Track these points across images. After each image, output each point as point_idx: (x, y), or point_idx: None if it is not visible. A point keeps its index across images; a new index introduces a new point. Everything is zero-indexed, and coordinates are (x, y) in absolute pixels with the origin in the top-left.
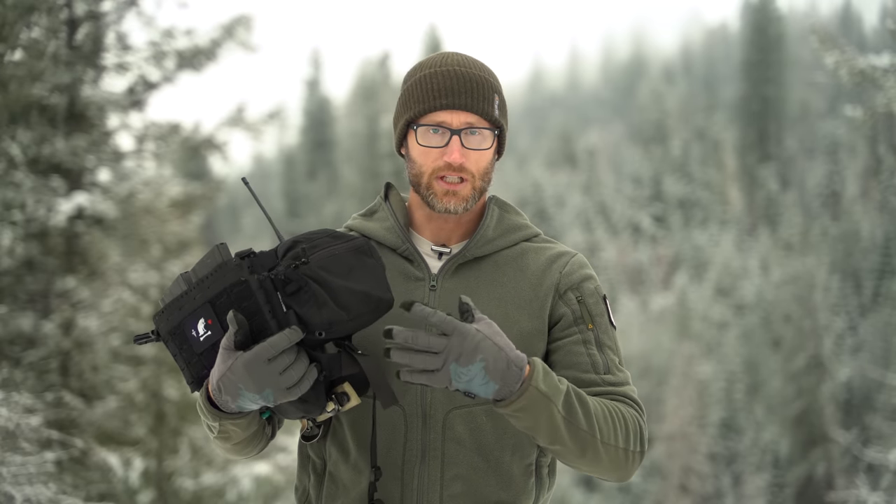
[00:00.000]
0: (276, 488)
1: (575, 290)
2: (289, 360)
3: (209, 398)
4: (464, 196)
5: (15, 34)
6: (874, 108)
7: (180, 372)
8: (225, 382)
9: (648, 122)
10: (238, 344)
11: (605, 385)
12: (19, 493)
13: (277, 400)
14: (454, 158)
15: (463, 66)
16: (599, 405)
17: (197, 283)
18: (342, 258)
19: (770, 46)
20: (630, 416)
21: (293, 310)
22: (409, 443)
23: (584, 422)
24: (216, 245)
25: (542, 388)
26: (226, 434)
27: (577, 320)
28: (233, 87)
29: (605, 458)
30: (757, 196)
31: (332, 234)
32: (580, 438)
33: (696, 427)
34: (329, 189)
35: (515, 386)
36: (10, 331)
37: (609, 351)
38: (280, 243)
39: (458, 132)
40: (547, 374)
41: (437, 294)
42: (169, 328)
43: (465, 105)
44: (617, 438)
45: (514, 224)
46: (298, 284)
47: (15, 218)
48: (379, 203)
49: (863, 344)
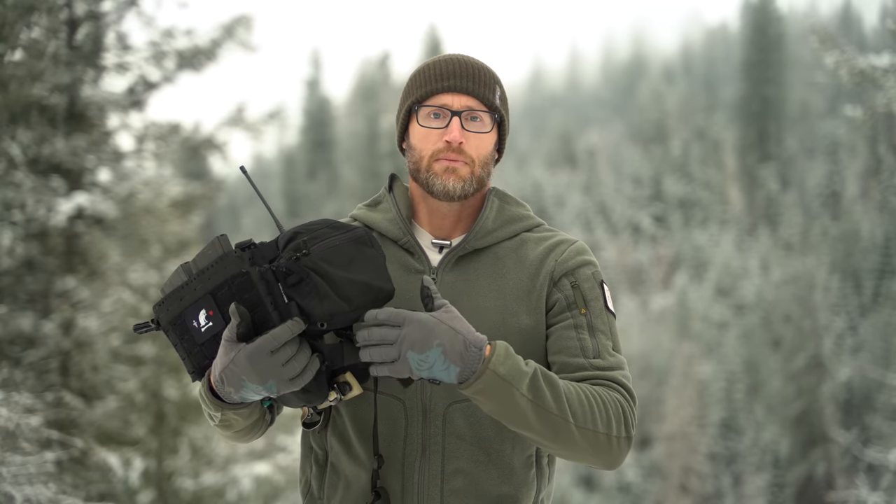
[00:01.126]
0: (276, 488)
1: (570, 275)
2: (291, 352)
3: (211, 388)
4: (462, 175)
5: (15, 34)
6: (874, 108)
7: (181, 371)
8: (228, 374)
9: (648, 122)
10: (240, 336)
11: (593, 369)
12: (19, 493)
13: (280, 391)
14: (454, 137)
15: (466, 57)
16: (574, 389)
17: (198, 275)
18: (343, 249)
19: (770, 46)
20: (611, 399)
21: (295, 301)
22: (409, 437)
23: (553, 405)
24: (217, 237)
25: (501, 371)
26: (227, 423)
27: (570, 305)
28: (233, 87)
29: (583, 443)
30: (757, 196)
31: (332, 225)
32: (550, 422)
33: (696, 427)
34: (329, 189)
35: (476, 366)
36: (10, 331)
37: (601, 335)
38: (280, 234)
39: (458, 114)
40: (508, 357)
41: (438, 286)
42: (169, 318)
43: (465, 88)
44: (595, 423)
45: (515, 215)
46: (300, 276)
47: (15, 218)
48: (383, 194)
49: (863, 344)
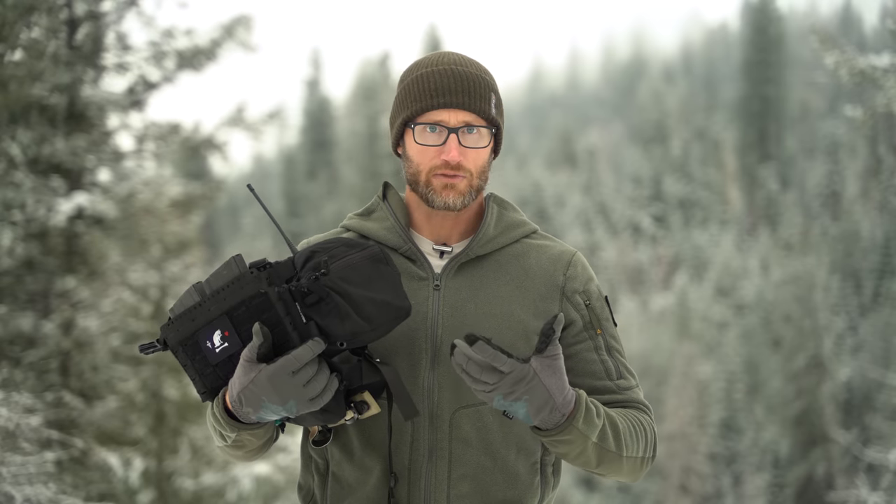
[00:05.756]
0: (276, 488)
1: (582, 293)
2: (312, 372)
3: (226, 409)
4: (461, 190)
5: (15, 34)
6: (874, 108)
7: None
8: (247, 394)
9: (648, 122)
10: (261, 356)
11: (621, 391)
12: (19, 493)
13: (300, 411)
14: (452, 157)
15: (460, 64)
16: (626, 423)
17: (212, 295)
18: (361, 268)
19: (770, 46)
20: (648, 425)
21: (314, 320)
22: (415, 442)
23: (613, 445)
24: (232, 257)
25: (581, 427)
26: (240, 443)
27: (587, 326)
28: (233, 87)
29: (626, 468)
30: (757, 196)
31: (348, 243)
32: (608, 459)
33: (696, 427)
34: (329, 189)
35: (556, 422)
36: (10, 331)
37: (618, 354)
38: (297, 254)
39: (455, 130)
40: (588, 413)
41: (442, 293)
42: (180, 338)
43: (462, 104)
44: (637, 450)
45: (514, 221)
46: (319, 295)
47: (15, 218)
48: (377, 203)
49: (863, 344)
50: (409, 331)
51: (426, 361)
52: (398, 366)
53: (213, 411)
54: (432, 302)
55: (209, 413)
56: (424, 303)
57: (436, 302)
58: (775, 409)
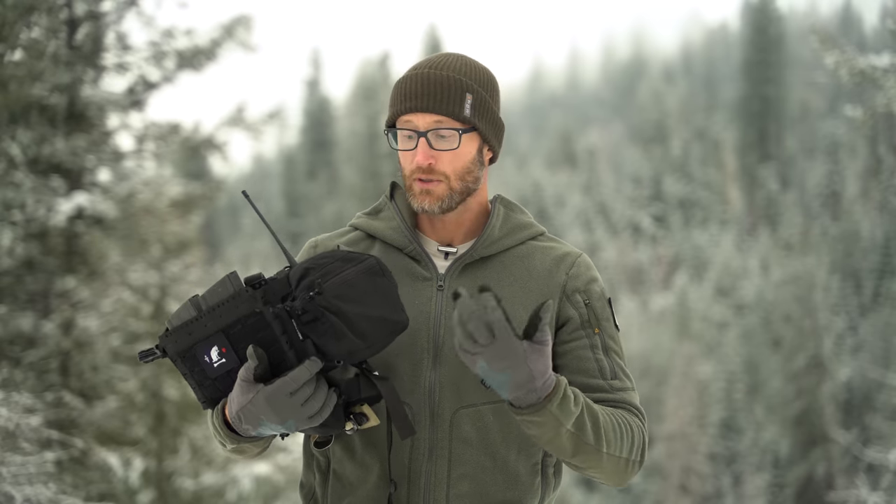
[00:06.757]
0: (276, 488)
1: (582, 292)
2: (310, 391)
3: (225, 421)
4: (438, 195)
5: (15, 34)
6: (874, 108)
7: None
8: (246, 414)
9: (648, 122)
10: (258, 377)
11: (614, 391)
12: (19, 493)
13: (299, 428)
14: (419, 160)
15: (435, 68)
16: (610, 419)
17: (208, 311)
18: (355, 284)
19: (770, 46)
20: (637, 427)
21: (310, 339)
22: (415, 441)
23: (591, 437)
24: (227, 275)
25: (554, 410)
26: (240, 451)
27: (585, 324)
28: (233, 87)
29: (607, 467)
30: (757, 196)
31: (344, 258)
32: (584, 451)
33: (696, 427)
34: (329, 189)
35: (531, 402)
36: (10, 331)
37: (615, 355)
38: (292, 269)
39: (423, 134)
40: (564, 399)
41: (445, 294)
42: (178, 350)
43: (427, 107)
44: (621, 450)
45: (520, 223)
46: (314, 315)
47: (15, 218)
48: (384, 202)
49: (863, 344)
50: (411, 330)
51: (428, 361)
52: (400, 365)
53: (212, 420)
54: (435, 302)
55: (209, 419)
56: (428, 303)
57: (439, 302)
58: (775, 409)
